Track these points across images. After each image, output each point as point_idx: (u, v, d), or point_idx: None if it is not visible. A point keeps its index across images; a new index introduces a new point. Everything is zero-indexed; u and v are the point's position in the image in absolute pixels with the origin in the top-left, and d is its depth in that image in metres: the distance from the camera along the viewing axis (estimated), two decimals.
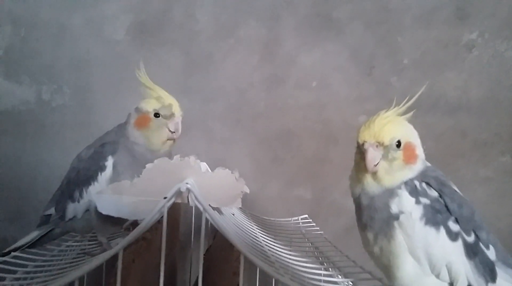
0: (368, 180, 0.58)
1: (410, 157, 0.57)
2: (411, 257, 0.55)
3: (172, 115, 0.73)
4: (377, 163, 0.56)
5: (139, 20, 1.21)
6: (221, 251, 0.82)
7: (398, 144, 0.57)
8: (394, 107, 0.60)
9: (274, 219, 1.05)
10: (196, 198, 0.59)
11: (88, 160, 0.72)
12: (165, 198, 0.59)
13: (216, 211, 0.66)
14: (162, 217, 0.62)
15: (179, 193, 0.61)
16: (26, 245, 0.76)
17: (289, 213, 1.09)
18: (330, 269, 0.79)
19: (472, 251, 0.53)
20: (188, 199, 0.64)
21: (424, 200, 0.55)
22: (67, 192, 0.73)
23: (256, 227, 0.91)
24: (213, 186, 0.65)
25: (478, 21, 1.10)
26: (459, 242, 0.54)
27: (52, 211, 0.76)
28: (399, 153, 0.57)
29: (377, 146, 0.56)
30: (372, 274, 0.66)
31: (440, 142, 1.11)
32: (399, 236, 0.55)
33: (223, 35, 1.19)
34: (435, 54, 1.12)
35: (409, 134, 0.59)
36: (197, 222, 1.04)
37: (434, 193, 0.56)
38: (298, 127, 1.18)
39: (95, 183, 0.70)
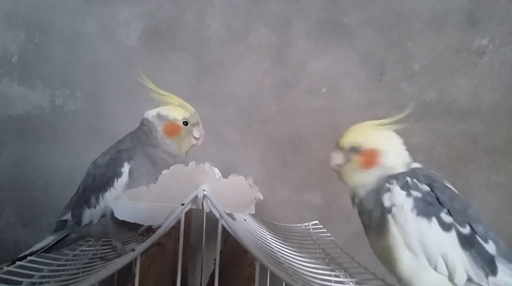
0: (349, 184, 0.64)
1: (368, 163, 0.61)
2: (408, 250, 0.56)
3: (198, 122, 0.77)
4: (339, 164, 0.63)
5: (151, 26, 1.22)
6: (233, 256, 0.83)
7: (358, 150, 0.61)
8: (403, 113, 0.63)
9: (284, 224, 1.06)
10: (212, 204, 0.60)
11: (104, 167, 0.73)
12: (182, 204, 0.60)
13: (229, 217, 0.66)
14: (177, 222, 0.63)
15: (195, 199, 0.62)
16: (42, 250, 0.77)
17: (299, 218, 1.10)
18: (341, 275, 0.79)
19: (467, 242, 0.54)
20: (202, 205, 0.65)
21: (415, 193, 0.56)
22: (84, 198, 0.74)
23: (267, 232, 0.91)
24: (227, 192, 0.66)
25: (489, 27, 1.10)
26: (453, 233, 0.54)
27: (68, 216, 0.76)
28: (357, 158, 0.61)
29: (341, 149, 0.63)
30: (384, 281, 0.66)
31: (451, 148, 1.11)
32: (394, 229, 0.57)
33: (234, 41, 1.20)
34: (446, 60, 1.12)
35: (377, 142, 0.61)
36: (208, 227, 1.05)
37: (426, 187, 0.57)
38: (308, 132, 1.19)
39: (111, 189, 0.71)
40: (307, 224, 1.04)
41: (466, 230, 0.54)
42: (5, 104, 1.26)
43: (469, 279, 0.54)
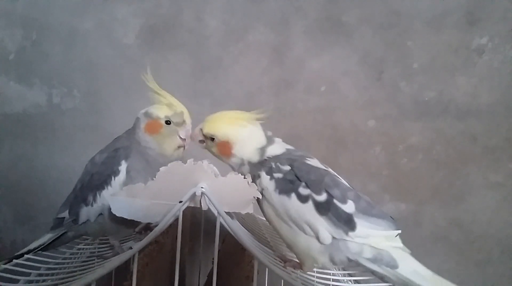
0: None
1: (223, 152, 0.70)
2: (282, 221, 0.65)
3: (183, 122, 0.75)
4: (202, 144, 0.72)
5: (149, 24, 1.21)
6: (232, 255, 0.83)
7: (213, 140, 0.70)
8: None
9: None
10: (211, 202, 0.60)
11: (101, 165, 0.72)
12: (180, 202, 0.60)
13: (228, 215, 0.66)
14: (175, 220, 0.63)
15: (193, 197, 0.61)
16: (39, 248, 0.76)
17: None
18: (339, 274, 0.79)
19: (323, 207, 0.62)
20: (200, 203, 0.65)
21: (277, 175, 0.65)
22: (81, 196, 0.74)
23: (266, 231, 0.91)
24: (226, 191, 0.66)
25: (489, 26, 1.10)
26: (310, 203, 0.62)
27: (65, 214, 0.76)
28: (214, 146, 0.71)
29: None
30: (383, 280, 0.66)
31: (450, 147, 1.11)
32: (267, 207, 0.66)
33: (232, 40, 1.20)
34: (445, 59, 1.12)
35: (227, 135, 0.69)
36: (206, 225, 1.05)
37: (287, 168, 0.66)
38: (307, 131, 1.18)
39: (109, 187, 0.71)
40: None
41: (322, 197, 0.62)
42: (2, 102, 1.26)
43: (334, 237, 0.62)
